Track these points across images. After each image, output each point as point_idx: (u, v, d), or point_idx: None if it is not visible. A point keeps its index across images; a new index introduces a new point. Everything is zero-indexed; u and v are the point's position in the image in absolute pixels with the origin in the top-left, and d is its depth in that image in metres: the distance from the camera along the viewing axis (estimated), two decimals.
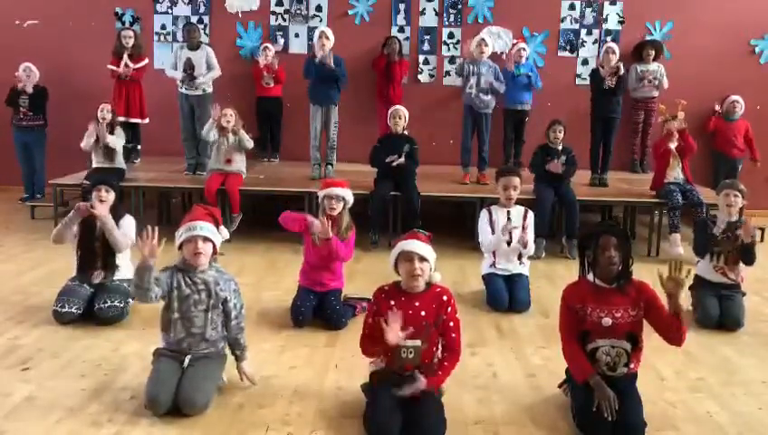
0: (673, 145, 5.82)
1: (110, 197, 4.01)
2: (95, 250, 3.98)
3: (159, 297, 2.91)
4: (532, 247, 4.51)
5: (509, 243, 4.44)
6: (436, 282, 2.85)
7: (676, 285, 2.71)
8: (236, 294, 3.07)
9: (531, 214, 4.56)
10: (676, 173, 5.89)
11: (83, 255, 4.00)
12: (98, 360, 3.35)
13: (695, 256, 4.37)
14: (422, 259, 2.75)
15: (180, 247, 2.98)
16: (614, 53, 6.33)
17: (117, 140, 6.08)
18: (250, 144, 6.03)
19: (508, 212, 4.51)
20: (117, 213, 4.05)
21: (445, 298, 2.82)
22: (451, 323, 2.83)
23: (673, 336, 2.81)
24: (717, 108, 7.40)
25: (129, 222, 4.11)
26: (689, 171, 5.95)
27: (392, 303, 2.78)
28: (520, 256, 4.50)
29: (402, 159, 5.74)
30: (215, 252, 3.04)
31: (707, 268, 4.25)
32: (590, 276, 2.86)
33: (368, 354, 2.88)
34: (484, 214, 4.58)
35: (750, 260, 4.12)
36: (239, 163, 5.99)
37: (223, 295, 3.01)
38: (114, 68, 6.80)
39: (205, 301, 2.97)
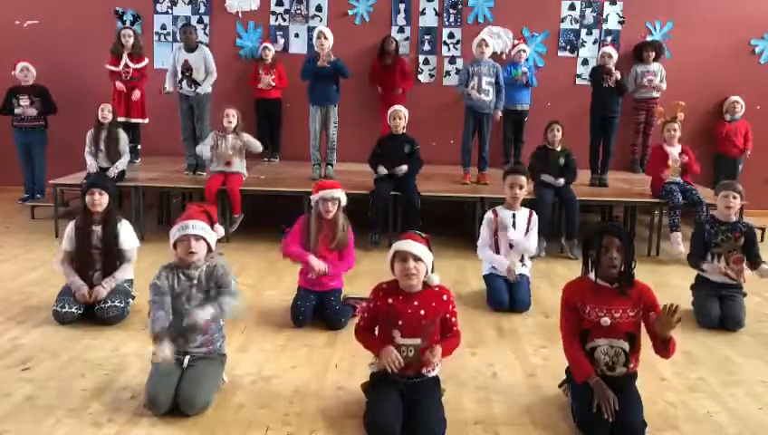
0: (674, 149, 5.83)
1: (104, 200, 3.91)
2: (92, 259, 3.93)
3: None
4: (534, 249, 4.51)
5: (512, 246, 4.45)
6: (435, 284, 2.83)
7: (667, 326, 2.68)
8: (227, 277, 3.04)
9: (535, 216, 4.56)
10: (674, 177, 5.88)
11: (80, 265, 3.93)
12: (98, 360, 3.35)
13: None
14: (417, 259, 2.73)
15: (175, 246, 2.98)
16: (611, 56, 6.34)
17: (123, 162, 6.05)
18: (258, 148, 6.00)
19: (513, 215, 4.49)
20: (112, 216, 3.97)
21: (445, 298, 2.83)
22: (453, 319, 2.87)
23: (659, 352, 2.82)
24: (728, 116, 7.38)
25: (126, 230, 4.02)
26: (689, 177, 5.95)
27: (390, 301, 2.79)
28: (522, 257, 4.50)
29: (404, 168, 5.75)
30: (210, 250, 3.03)
31: (709, 268, 4.25)
32: (592, 275, 2.87)
33: (361, 343, 2.93)
34: (489, 215, 4.54)
35: (753, 265, 4.18)
36: (238, 165, 5.97)
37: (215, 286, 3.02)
38: (113, 68, 6.80)
39: (198, 296, 2.97)
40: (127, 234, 4.02)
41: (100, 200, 3.91)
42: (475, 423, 2.84)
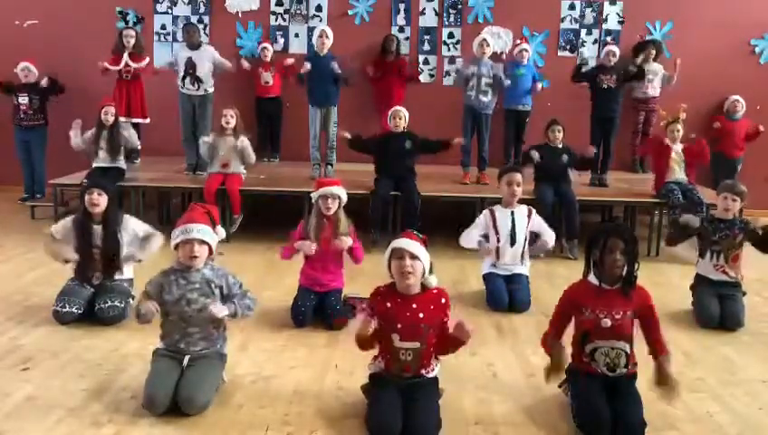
0: (676, 146, 5.84)
1: (102, 200, 3.89)
2: (93, 257, 3.93)
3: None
4: (552, 238, 4.50)
5: (513, 244, 4.44)
6: (433, 286, 2.82)
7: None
8: (234, 279, 3.08)
9: (534, 211, 4.55)
10: (676, 175, 5.88)
11: (81, 265, 3.93)
12: (98, 360, 3.35)
13: (696, 256, 4.38)
14: (413, 257, 2.71)
15: (176, 248, 2.98)
16: (614, 55, 6.36)
17: (132, 138, 6.14)
18: (252, 159, 5.94)
19: (512, 213, 4.49)
20: (113, 215, 3.96)
21: (443, 301, 2.82)
22: (447, 321, 2.85)
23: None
24: (717, 124, 7.39)
25: (132, 221, 4.04)
26: (692, 172, 5.93)
27: (389, 305, 2.77)
28: (522, 257, 4.50)
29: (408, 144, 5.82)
30: (211, 252, 3.03)
31: (708, 267, 4.25)
32: (592, 277, 2.87)
33: (359, 343, 2.89)
34: (486, 214, 4.55)
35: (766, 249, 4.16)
36: (236, 166, 5.95)
37: (222, 293, 3.01)
38: (112, 67, 6.79)
39: (200, 301, 2.96)
40: (135, 225, 4.04)
41: (99, 200, 3.89)
42: (475, 423, 2.84)
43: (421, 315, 2.75)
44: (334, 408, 2.93)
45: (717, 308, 4.07)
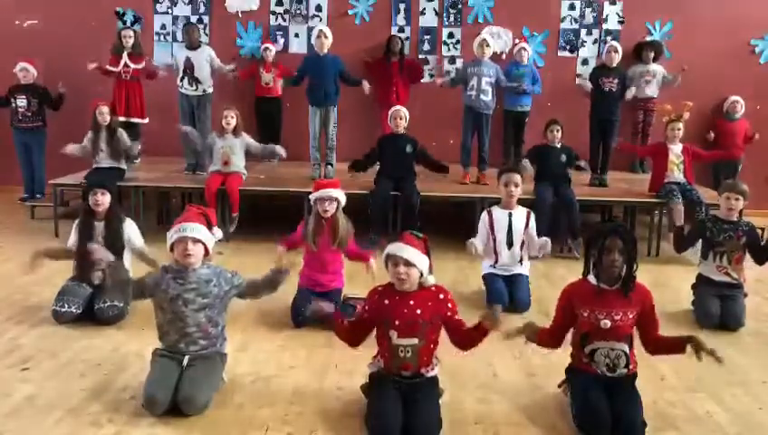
0: (676, 147, 5.84)
1: (106, 199, 3.95)
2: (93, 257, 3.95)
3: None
4: (548, 244, 4.42)
5: (510, 245, 4.43)
6: (430, 285, 2.81)
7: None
8: (237, 277, 3.09)
9: (533, 216, 4.54)
10: (675, 175, 5.88)
11: (81, 262, 3.96)
12: (98, 360, 3.35)
13: (698, 257, 4.38)
14: (408, 264, 2.71)
15: (172, 249, 2.98)
16: (616, 51, 6.36)
17: (133, 146, 6.17)
18: (261, 148, 6.03)
19: (510, 214, 4.49)
20: (115, 214, 4.01)
21: (441, 296, 2.82)
22: (456, 317, 2.83)
23: (654, 351, 2.91)
24: (711, 135, 7.38)
25: (133, 229, 4.07)
26: (691, 173, 5.92)
27: (386, 302, 2.78)
28: (521, 259, 4.49)
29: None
30: (207, 253, 3.03)
31: (710, 268, 4.25)
32: (592, 277, 2.87)
33: (341, 338, 2.98)
34: (484, 216, 4.55)
35: (761, 261, 4.18)
36: (238, 165, 5.96)
37: (220, 291, 3.01)
38: (112, 68, 6.78)
39: (197, 300, 2.96)
40: (134, 234, 4.07)
41: (103, 200, 3.95)
42: (475, 423, 2.84)
43: (419, 311, 2.75)
44: (334, 408, 2.93)
45: (718, 308, 4.07)
